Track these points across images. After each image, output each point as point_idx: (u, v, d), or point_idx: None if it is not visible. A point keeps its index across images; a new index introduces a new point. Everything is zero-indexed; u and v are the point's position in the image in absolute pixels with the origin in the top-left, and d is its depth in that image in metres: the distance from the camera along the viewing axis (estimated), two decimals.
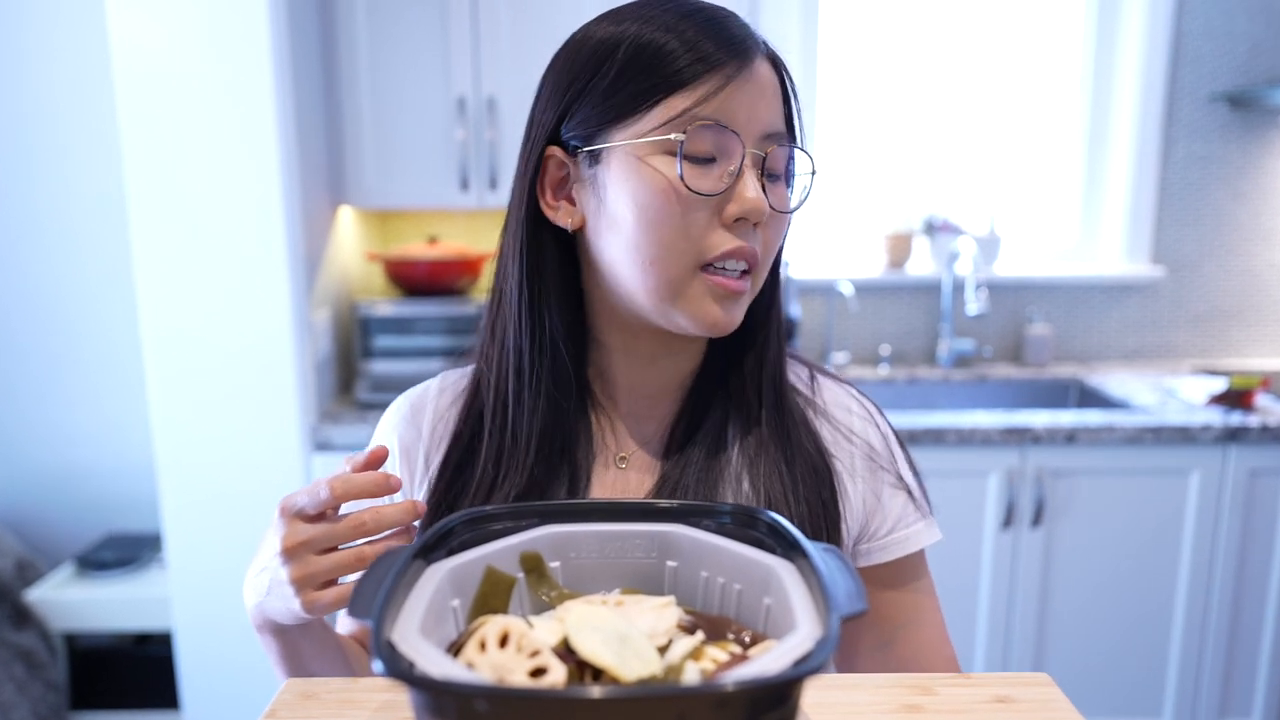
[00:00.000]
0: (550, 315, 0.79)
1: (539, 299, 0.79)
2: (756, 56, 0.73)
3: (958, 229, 2.67)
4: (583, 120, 0.74)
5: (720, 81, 0.70)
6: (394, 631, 0.44)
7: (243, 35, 1.91)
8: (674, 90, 0.70)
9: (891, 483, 0.86)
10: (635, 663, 0.45)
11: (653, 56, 0.71)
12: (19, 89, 2.50)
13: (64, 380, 2.64)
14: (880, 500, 0.85)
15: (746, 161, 0.72)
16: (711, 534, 0.55)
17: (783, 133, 0.75)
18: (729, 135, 0.71)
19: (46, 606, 2.37)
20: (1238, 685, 2.27)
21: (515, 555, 0.55)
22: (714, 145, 0.71)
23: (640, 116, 0.71)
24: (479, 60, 2.24)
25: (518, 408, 0.80)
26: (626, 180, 0.72)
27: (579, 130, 0.74)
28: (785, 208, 0.76)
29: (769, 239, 0.76)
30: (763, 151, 0.73)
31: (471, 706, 0.39)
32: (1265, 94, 2.45)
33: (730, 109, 0.71)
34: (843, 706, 0.60)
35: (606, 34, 0.74)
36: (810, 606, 0.47)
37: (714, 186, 0.71)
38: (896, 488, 0.86)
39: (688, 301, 0.74)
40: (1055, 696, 0.61)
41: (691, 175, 0.71)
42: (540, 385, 0.79)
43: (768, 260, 0.77)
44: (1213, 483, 2.16)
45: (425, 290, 2.38)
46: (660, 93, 0.70)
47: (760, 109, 0.72)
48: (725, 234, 0.72)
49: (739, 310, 0.76)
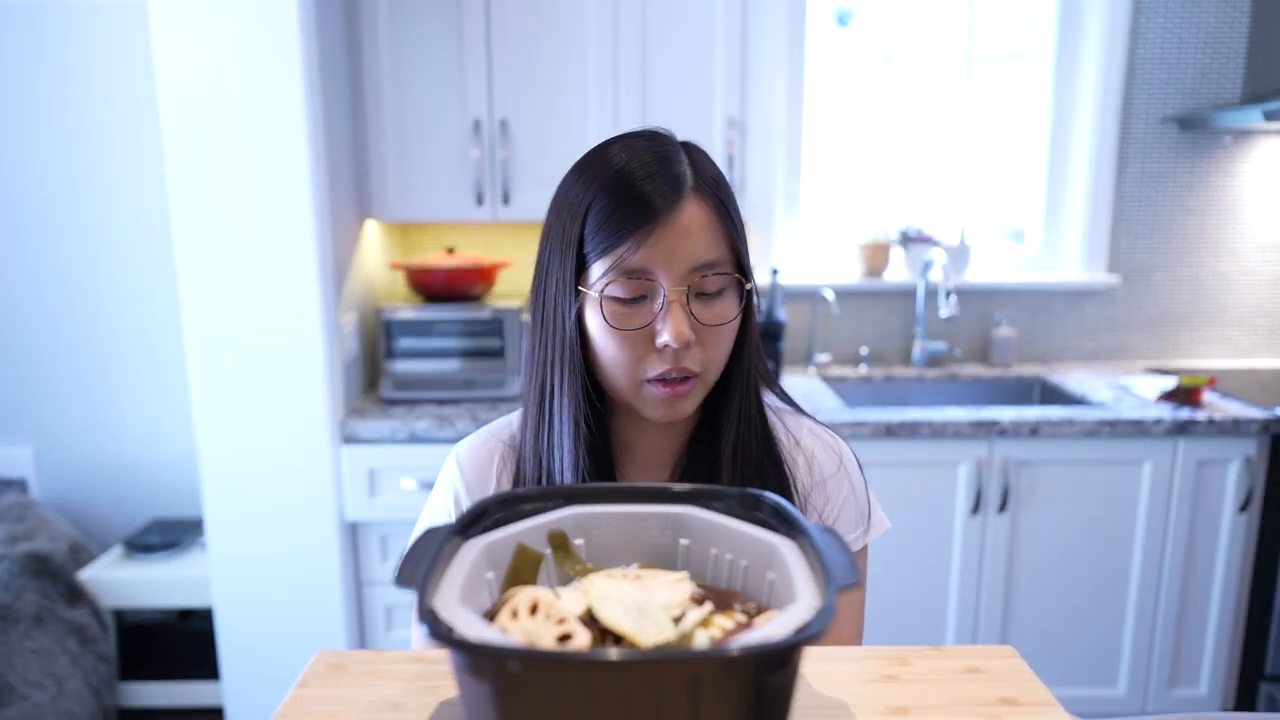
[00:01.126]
0: (577, 397, 0.86)
1: (574, 379, 0.86)
2: (680, 203, 0.80)
3: (931, 240, 2.68)
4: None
5: (644, 235, 0.78)
6: (436, 600, 0.45)
7: (276, 60, 1.91)
8: (608, 250, 0.80)
9: (844, 501, 0.94)
10: (652, 630, 0.46)
11: (599, 223, 0.80)
12: (69, 110, 2.50)
13: (114, 380, 2.64)
14: (835, 517, 0.94)
15: (669, 297, 0.80)
16: (720, 515, 0.56)
17: (712, 261, 0.81)
18: (647, 281, 0.80)
19: (97, 585, 2.37)
20: (1186, 657, 2.28)
21: (543, 533, 0.56)
22: (639, 289, 0.80)
23: (590, 268, 0.82)
24: (493, 85, 2.25)
25: (551, 479, 0.88)
26: (590, 310, 0.83)
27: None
28: (721, 320, 0.83)
29: (709, 347, 0.83)
30: (686, 285, 0.80)
31: (505, 666, 0.39)
32: (1212, 117, 2.47)
33: (652, 257, 0.79)
34: (827, 676, 0.60)
35: (576, 197, 0.84)
36: (810, 580, 0.48)
37: (638, 322, 0.81)
38: (846, 505, 0.94)
39: (642, 403, 0.85)
40: (1020, 667, 0.62)
41: (618, 316, 0.81)
42: (576, 459, 0.87)
43: (712, 361, 0.84)
44: (1163, 472, 2.17)
45: (443, 296, 2.38)
46: (599, 251, 0.80)
47: (683, 249, 0.80)
48: (658, 357, 0.82)
49: (687, 404, 0.85)
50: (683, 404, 0.85)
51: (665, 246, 0.79)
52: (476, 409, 2.24)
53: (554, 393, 0.87)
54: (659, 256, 0.79)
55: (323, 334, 2.03)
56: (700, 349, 0.82)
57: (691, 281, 0.81)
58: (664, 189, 0.80)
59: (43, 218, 2.55)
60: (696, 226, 0.81)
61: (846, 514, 0.93)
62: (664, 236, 0.79)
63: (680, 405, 0.84)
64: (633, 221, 0.79)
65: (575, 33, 2.23)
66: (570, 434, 0.87)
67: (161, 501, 2.69)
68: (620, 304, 0.81)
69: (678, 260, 0.80)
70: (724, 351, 0.85)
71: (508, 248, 2.68)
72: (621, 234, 0.79)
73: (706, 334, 0.82)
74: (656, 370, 0.82)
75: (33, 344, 2.61)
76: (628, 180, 0.81)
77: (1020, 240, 2.84)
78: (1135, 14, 2.56)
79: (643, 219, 0.79)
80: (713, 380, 0.86)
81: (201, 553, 2.46)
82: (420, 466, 2.13)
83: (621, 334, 0.81)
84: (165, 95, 1.92)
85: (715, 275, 0.82)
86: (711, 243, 0.82)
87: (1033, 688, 0.59)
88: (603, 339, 0.82)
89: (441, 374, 2.32)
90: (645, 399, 0.84)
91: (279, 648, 2.15)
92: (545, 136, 2.27)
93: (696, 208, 0.81)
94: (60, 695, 2.13)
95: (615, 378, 0.84)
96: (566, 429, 0.87)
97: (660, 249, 0.79)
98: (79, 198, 2.54)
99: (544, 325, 0.88)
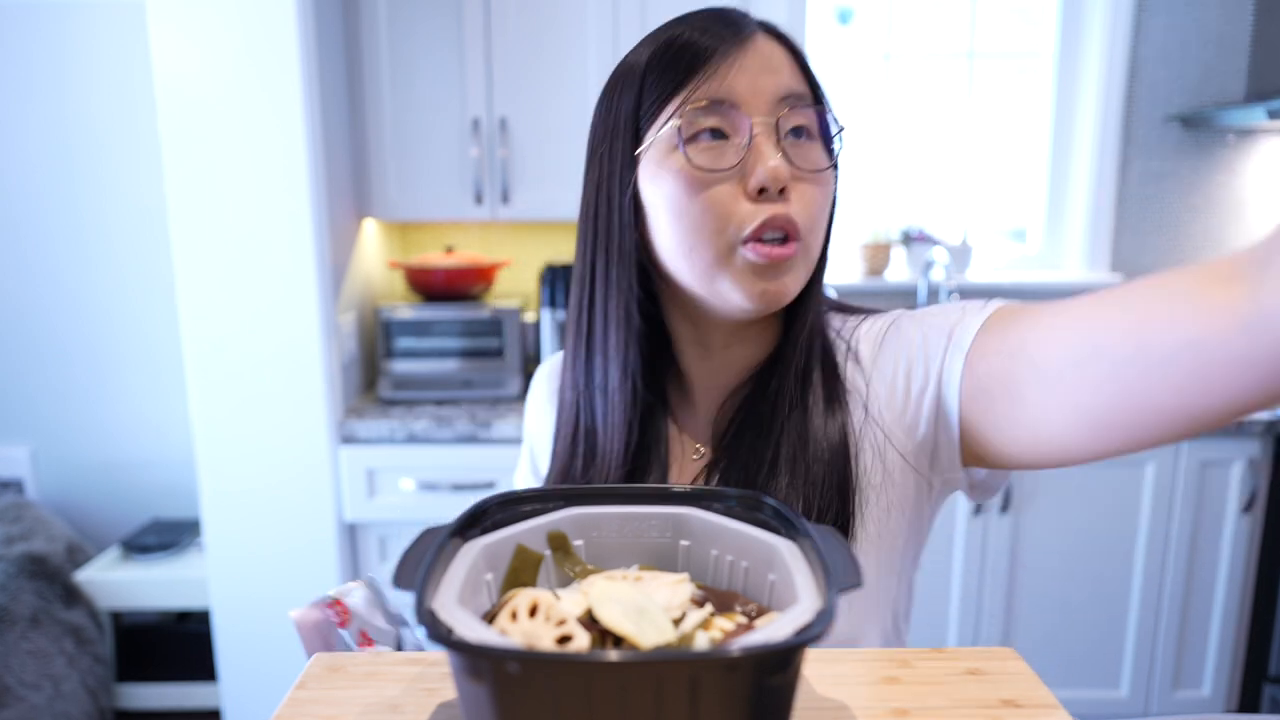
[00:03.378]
0: (629, 285, 0.75)
1: (623, 268, 0.75)
2: (751, 35, 0.70)
3: (932, 239, 2.68)
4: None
5: (715, 64, 0.68)
6: (434, 601, 0.45)
7: (274, 61, 1.92)
8: (677, 90, 0.69)
9: (909, 343, 0.73)
10: (652, 632, 0.46)
11: (658, 69, 0.70)
12: (67, 110, 2.50)
13: (111, 381, 2.64)
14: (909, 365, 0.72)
15: (757, 131, 0.68)
16: (721, 516, 0.56)
17: (799, 94, 0.70)
18: (731, 110, 0.68)
19: (95, 586, 2.37)
20: (1189, 659, 2.28)
21: (543, 534, 0.56)
22: (719, 123, 0.68)
23: (655, 120, 0.70)
24: (492, 83, 2.25)
25: (604, 424, 0.78)
26: (654, 178, 0.70)
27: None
28: (816, 166, 0.71)
29: (807, 203, 0.70)
30: (774, 117, 0.68)
31: (504, 668, 0.39)
32: (1215, 115, 2.47)
33: (729, 87, 0.68)
34: (827, 678, 0.60)
35: (624, 71, 0.74)
36: (811, 581, 0.48)
37: (725, 161, 0.68)
38: (918, 339, 0.73)
39: (733, 280, 0.70)
40: (1021, 669, 0.61)
41: (699, 155, 0.68)
42: (622, 399, 0.76)
43: (813, 224, 0.71)
44: (1166, 473, 2.17)
45: (442, 296, 2.38)
46: (666, 94, 0.70)
47: (763, 79, 0.69)
48: (753, 207, 0.68)
49: (791, 278, 0.70)
50: (785, 280, 0.70)
51: (746, 72, 0.68)
52: (476, 409, 2.24)
53: (598, 292, 0.75)
54: (739, 83, 0.68)
55: (321, 333, 2.03)
56: (800, 204, 0.69)
57: (780, 114, 0.69)
58: (727, 29, 0.69)
59: (40, 216, 2.55)
60: (776, 58, 0.70)
61: (931, 342, 0.71)
62: (742, 61, 0.68)
63: (783, 282, 0.70)
64: (703, 54, 0.68)
65: (575, 30, 2.23)
66: (619, 330, 0.75)
67: (159, 502, 2.69)
68: (697, 143, 0.68)
69: (760, 88, 0.68)
70: (821, 216, 0.72)
71: (507, 247, 2.68)
72: (690, 68, 0.68)
73: (803, 188, 0.70)
74: (752, 224, 0.68)
75: (30, 343, 2.62)
76: (685, 29, 0.70)
77: (1022, 239, 2.84)
78: (1138, 11, 2.56)
79: (714, 46, 0.68)
80: (814, 256, 0.73)
81: (199, 554, 2.46)
82: (419, 467, 2.13)
83: (702, 184, 0.68)
84: (163, 93, 1.93)
85: (806, 109, 0.70)
86: (794, 75, 0.70)
87: (1035, 689, 0.59)
88: (677, 203, 0.69)
89: (440, 374, 2.32)
90: (739, 276, 0.69)
91: (277, 649, 2.15)
92: (545, 135, 2.27)
93: (770, 44, 0.70)
94: (57, 697, 2.13)
95: (697, 254, 0.69)
96: (613, 327, 0.75)
97: (741, 76, 0.68)
98: (76, 196, 2.54)
99: (593, 222, 0.75)
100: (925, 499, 0.75)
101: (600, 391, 0.78)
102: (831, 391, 0.75)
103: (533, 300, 2.67)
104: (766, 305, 0.71)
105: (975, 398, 0.66)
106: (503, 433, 2.12)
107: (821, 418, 0.74)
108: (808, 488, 0.71)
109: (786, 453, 0.73)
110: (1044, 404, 0.59)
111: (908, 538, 0.75)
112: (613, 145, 0.73)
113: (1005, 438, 0.64)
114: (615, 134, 0.73)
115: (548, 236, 2.69)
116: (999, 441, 0.65)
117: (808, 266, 0.72)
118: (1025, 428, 0.62)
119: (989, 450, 0.67)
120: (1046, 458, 0.62)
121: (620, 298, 0.75)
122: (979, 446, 0.68)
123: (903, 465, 0.72)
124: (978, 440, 0.68)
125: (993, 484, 0.75)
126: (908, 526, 0.74)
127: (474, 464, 2.14)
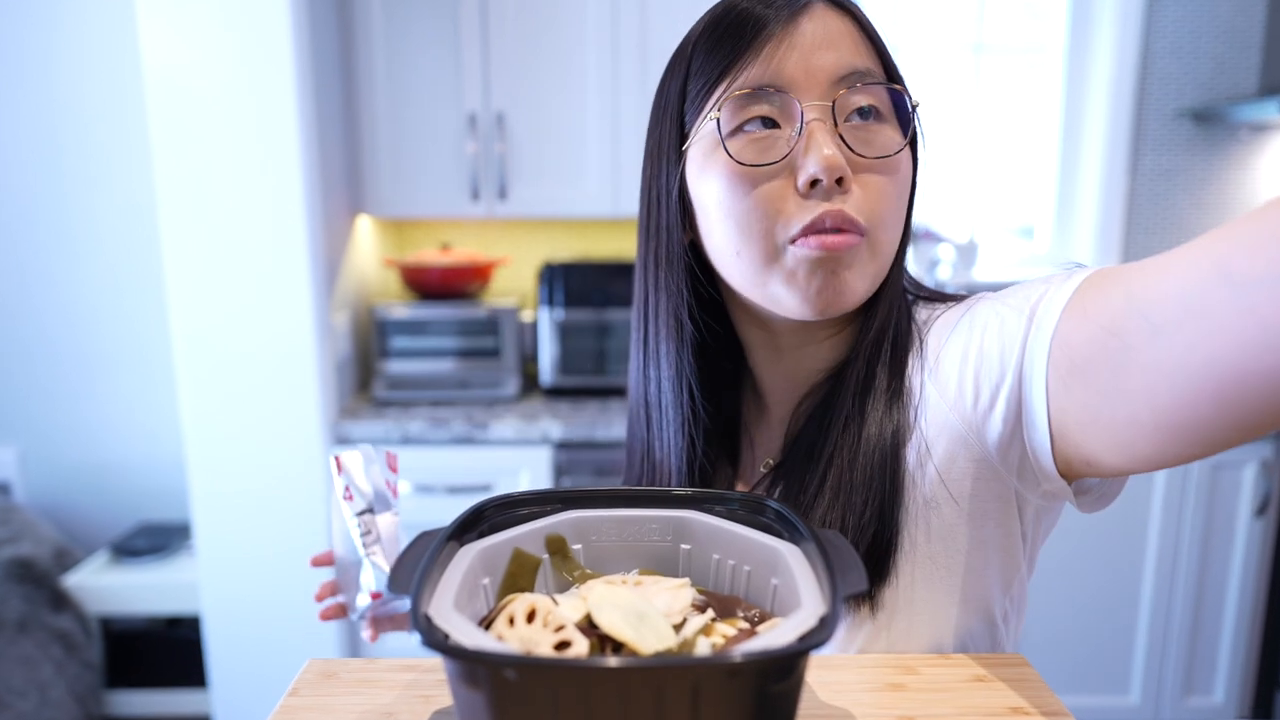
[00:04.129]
0: (680, 289, 0.71)
1: (672, 273, 0.71)
2: (805, 8, 0.63)
3: (939, 236, 2.68)
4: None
5: (762, 44, 0.62)
6: (430, 606, 0.45)
7: (267, 56, 1.91)
8: (719, 77, 0.63)
9: (985, 328, 0.63)
10: (652, 637, 0.46)
11: (705, 48, 0.65)
12: (54, 105, 2.50)
13: (99, 381, 2.64)
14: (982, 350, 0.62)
15: (810, 116, 0.61)
16: (723, 519, 0.56)
17: (863, 70, 0.63)
18: (780, 95, 0.62)
19: (83, 591, 2.37)
20: (1201, 665, 2.28)
21: (541, 538, 0.56)
22: (769, 111, 0.62)
23: (701, 110, 0.65)
24: (489, 78, 2.25)
25: (661, 442, 0.75)
26: (699, 178, 0.66)
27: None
28: (884, 151, 0.63)
29: (872, 194, 0.63)
30: (830, 99, 0.62)
31: (501, 675, 0.39)
32: (1227, 110, 2.46)
33: (778, 70, 0.62)
34: (830, 685, 0.60)
35: (676, 59, 0.69)
36: (815, 587, 0.48)
37: (771, 155, 0.62)
38: (995, 321, 0.62)
39: (785, 281, 0.63)
40: (1030, 675, 0.61)
41: (743, 149, 0.62)
42: (678, 415, 0.73)
43: (880, 217, 0.63)
44: (1177, 475, 2.17)
45: (439, 294, 2.38)
46: (708, 86, 0.64)
47: (819, 57, 0.62)
48: (803, 204, 0.62)
49: (854, 275, 0.63)
50: (845, 276, 0.62)
51: (797, 51, 0.62)
52: (472, 410, 2.24)
53: (650, 297, 0.72)
54: (789, 65, 0.62)
55: (314, 333, 2.03)
56: (862, 196, 0.62)
57: (836, 96, 0.62)
58: (781, 2, 0.63)
59: (27, 213, 2.55)
60: (835, 32, 0.63)
61: (1008, 325, 0.60)
62: (792, 40, 0.62)
63: (842, 278, 0.62)
64: (748, 34, 0.62)
65: (574, 23, 2.23)
66: (671, 339, 0.71)
67: (149, 505, 2.69)
68: (743, 135, 0.63)
69: (814, 68, 0.62)
70: (896, 207, 0.64)
71: (504, 244, 2.68)
72: (735, 50, 0.62)
73: (868, 178, 0.62)
74: (800, 222, 0.61)
75: (17, 342, 2.61)
76: (732, 6, 0.64)
77: (1030, 237, 2.84)
78: (1149, 4, 2.56)
79: (760, 27, 0.62)
80: (888, 253, 0.65)
81: (190, 557, 2.46)
82: (414, 469, 2.13)
83: (749, 181, 0.62)
84: (152, 87, 1.92)
85: (870, 87, 0.63)
86: (857, 49, 0.63)
87: (1043, 697, 0.59)
88: (724, 203, 0.63)
89: (436, 374, 2.32)
90: (791, 276, 0.63)
91: (269, 655, 2.15)
92: (544, 130, 2.27)
93: (830, 14, 0.63)
94: (44, 704, 2.13)
95: (744, 258, 0.64)
96: (664, 335, 0.71)
97: (790, 55, 0.62)
98: (64, 191, 2.54)
99: (646, 222, 0.72)
100: (1013, 514, 0.65)
101: (655, 406, 0.75)
102: (893, 397, 0.67)
103: (530, 299, 2.67)
104: (826, 307, 0.63)
105: (1069, 383, 0.55)
106: (500, 434, 2.12)
107: (877, 429, 0.66)
108: (845, 511, 0.65)
109: (835, 471, 0.66)
110: (1161, 366, 0.48)
111: (986, 560, 0.66)
112: (661, 139, 0.69)
113: (1113, 425, 0.52)
114: (664, 126, 0.68)
115: (546, 234, 2.69)
116: (1106, 432, 0.53)
117: (877, 262, 0.64)
118: (1139, 406, 0.50)
119: (1094, 446, 0.55)
120: (1168, 442, 0.50)
121: (670, 303, 0.71)
122: (1080, 443, 0.56)
123: (975, 476, 0.63)
124: (1077, 435, 0.56)
125: (1109, 491, 0.64)
126: (983, 548, 0.65)
127: (470, 466, 2.14)
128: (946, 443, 0.63)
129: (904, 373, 0.67)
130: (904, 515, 0.64)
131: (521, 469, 2.14)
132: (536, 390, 2.48)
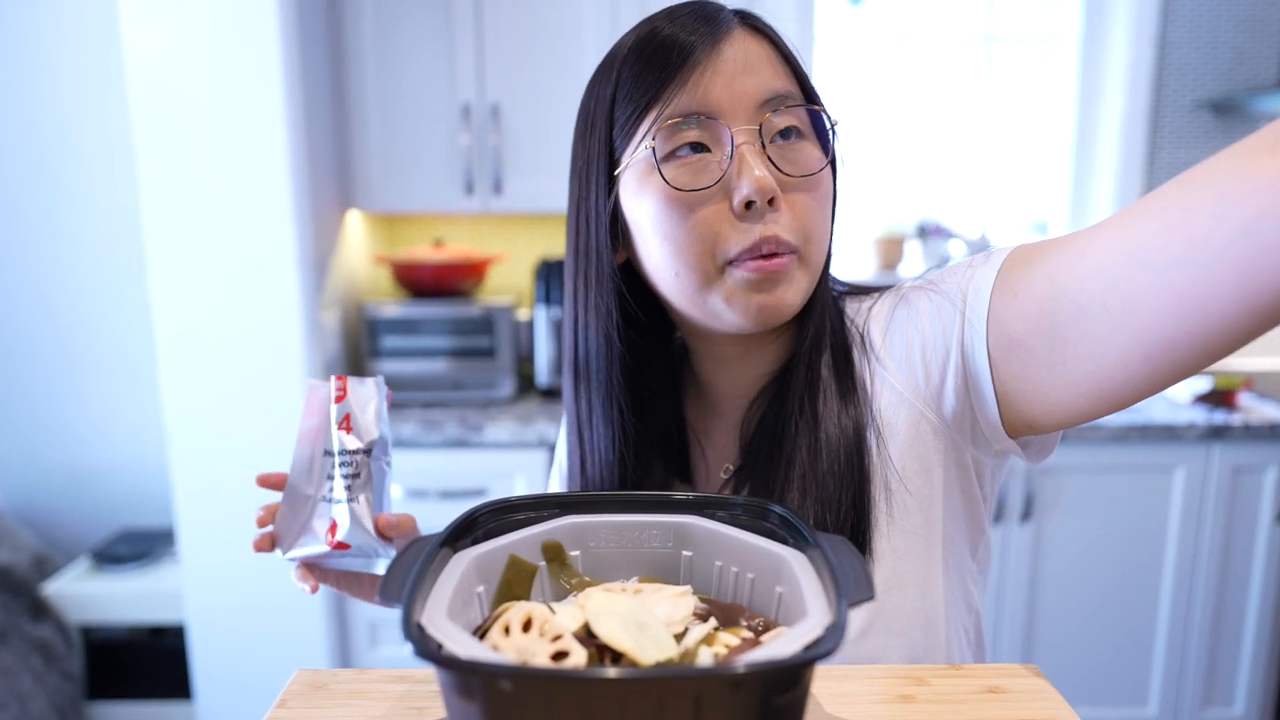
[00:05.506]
0: (607, 309, 0.76)
1: (601, 292, 0.75)
2: (726, 33, 0.69)
3: (949, 232, 2.68)
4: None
5: (689, 71, 0.67)
6: (423, 615, 0.45)
7: (253, 45, 1.91)
8: (649, 105, 0.68)
9: (922, 313, 0.71)
10: (652, 647, 0.46)
11: (630, 85, 0.70)
12: (33, 98, 2.50)
13: (80, 382, 2.64)
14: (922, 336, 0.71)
15: (739, 141, 0.67)
16: (725, 525, 0.56)
17: (784, 93, 0.69)
18: (709, 122, 0.67)
19: (63, 600, 2.37)
20: (1221, 675, 2.28)
21: (537, 544, 0.56)
22: (699, 137, 0.68)
23: (628, 144, 0.70)
24: (483, 68, 2.25)
25: (593, 459, 0.79)
26: (635, 201, 0.71)
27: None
28: (807, 169, 0.69)
29: (800, 212, 0.69)
30: (757, 123, 0.68)
31: (497, 686, 0.39)
32: (1247, 101, 2.47)
33: (705, 96, 0.67)
34: (837, 697, 0.60)
35: (599, 81, 0.73)
36: (821, 594, 0.48)
37: (704, 180, 0.67)
38: (930, 311, 0.71)
39: (725, 298, 0.69)
40: (1043, 687, 0.61)
41: (678, 174, 0.68)
42: (608, 431, 0.77)
43: (808, 233, 0.70)
44: (1196, 479, 2.17)
45: (431, 292, 2.38)
46: (637, 114, 0.69)
47: (742, 82, 0.68)
48: (740, 227, 0.67)
49: (789, 289, 0.69)
50: (783, 291, 0.69)
51: (721, 78, 0.67)
52: (466, 412, 2.24)
53: (579, 314, 0.76)
54: (715, 91, 0.67)
55: (303, 332, 2.03)
56: (791, 215, 0.68)
57: (762, 120, 0.68)
58: (703, 26, 0.68)
59: (5, 210, 2.55)
60: (755, 56, 0.69)
61: (944, 308, 0.69)
62: (716, 67, 0.67)
63: (780, 294, 0.69)
64: (674, 62, 0.67)
65: (572, 11, 2.23)
66: (600, 357, 0.76)
67: (131, 510, 2.69)
68: (675, 160, 0.68)
69: (739, 94, 0.67)
70: (822, 221, 0.71)
71: (500, 240, 2.68)
72: (662, 78, 0.67)
73: (795, 196, 0.69)
74: (738, 247, 0.67)
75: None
76: (655, 33, 0.69)
77: (1044, 232, 2.84)
78: None
79: (685, 55, 0.67)
80: (818, 264, 0.71)
81: (173, 565, 2.46)
82: (406, 472, 2.13)
83: (685, 205, 0.67)
84: (135, 80, 1.92)
85: (791, 109, 0.69)
86: (776, 72, 0.69)
87: (1058, 708, 0.59)
88: (661, 225, 0.69)
89: (429, 375, 2.32)
90: (731, 295, 0.69)
91: (256, 666, 2.15)
92: (540, 122, 2.27)
93: (749, 39, 0.69)
94: (24, 716, 2.13)
95: (683, 279, 0.69)
96: (595, 353, 0.76)
97: (715, 82, 0.67)
98: (44, 188, 2.54)
99: (575, 240, 0.76)
100: (972, 480, 0.73)
101: (586, 424, 0.79)
102: (845, 391, 0.73)
103: (526, 297, 2.67)
104: (766, 321, 0.70)
105: (1008, 357, 0.63)
106: (495, 437, 2.12)
107: (835, 424, 0.72)
108: (819, 506, 0.71)
109: (798, 469, 0.72)
110: (1091, 340, 0.56)
111: (958, 528, 0.73)
112: (590, 161, 0.73)
113: (1053, 392, 0.61)
114: (592, 149, 0.73)
115: (543, 229, 2.69)
116: (1047, 398, 0.62)
117: (809, 274, 0.71)
118: (1075, 374, 0.58)
119: (1036, 411, 0.64)
120: (1104, 402, 0.59)
121: (600, 323, 0.75)
122: (1024, 409, 0.64)
123: (936, 449, 0.71)
124: (1021, 402, 0.64)
125: (1048, 443, 0.72)
126: (955, 518, 0.73)
127: (464, 470, 2.14)
128: (905, 423, 0.71)
129: (852, 366, 0.74)
130: (878, 499, 0.71)
131: (517, 473, 2.14)
132: (533, 391, 2.48)
